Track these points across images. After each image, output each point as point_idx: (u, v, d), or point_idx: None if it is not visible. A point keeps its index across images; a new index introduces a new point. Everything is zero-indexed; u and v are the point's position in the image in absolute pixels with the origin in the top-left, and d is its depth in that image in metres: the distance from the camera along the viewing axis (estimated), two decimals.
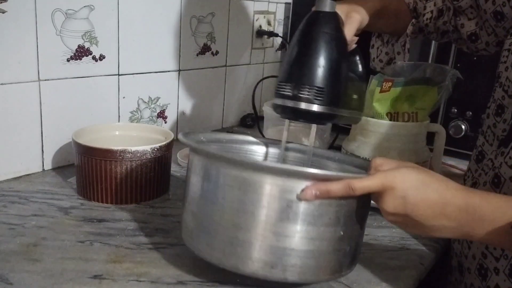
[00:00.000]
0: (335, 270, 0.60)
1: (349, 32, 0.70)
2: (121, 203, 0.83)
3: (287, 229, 0.56)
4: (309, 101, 0.64)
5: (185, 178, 0.66)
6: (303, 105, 0.64)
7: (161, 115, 1.17)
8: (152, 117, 1.15)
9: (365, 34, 0.84)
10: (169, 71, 1.16)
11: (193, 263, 0.65)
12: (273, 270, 0.56)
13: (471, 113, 1.16)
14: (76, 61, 0.95)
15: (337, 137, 1.12)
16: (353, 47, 0.73)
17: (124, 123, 1.07)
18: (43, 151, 0.94)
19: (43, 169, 0.95)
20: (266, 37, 1.45)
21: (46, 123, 0.93)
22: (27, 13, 0.86)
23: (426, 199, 0.54)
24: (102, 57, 1.00)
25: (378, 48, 0.89)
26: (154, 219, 0.79)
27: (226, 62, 1.32)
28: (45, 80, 0.91)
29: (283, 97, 0.66)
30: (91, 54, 0.98)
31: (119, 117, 1.07)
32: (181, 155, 1.04)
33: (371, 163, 0.59)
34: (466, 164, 0.99)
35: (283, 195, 0.55)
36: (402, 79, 0.86)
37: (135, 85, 1.08)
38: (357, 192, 0.55)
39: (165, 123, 1.19)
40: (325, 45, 0.65)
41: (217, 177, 0.58)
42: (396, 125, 0.86)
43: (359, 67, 0.75)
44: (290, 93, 0.65)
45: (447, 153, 1.09)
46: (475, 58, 1.11)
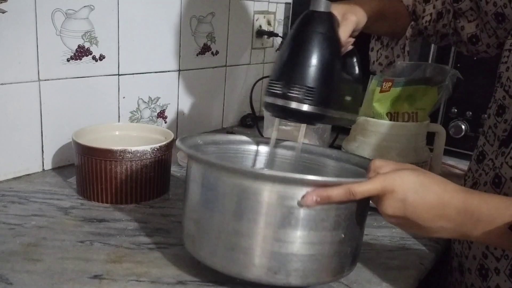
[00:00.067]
0: (337, 271, 0.60)
1: (344, 33, 0.69)
2: (121, 203, 0.83)
3: (289, 235, 0.56)
4: (299, 100, 0.63)
5: (184, 182, 0.65)
6: (292, 104, 0.64)
7: (161, 115, 1.17)
8: (152, 117, 1.15)
9: (364, 36, 0.83)
10: (169, 71, 1.16)
11: (193, 263, 0.65)
12: (276, 275, 0.57)
13: (471, 113, 1.16)
14: (76, 61, 0.95)
15: (337, 137, 1.12)
16: (349, 48, 0.72)
17: (124, 123, 1.07)
18: (43, 151, 0.94)
19: (43, 169, 0.95)
20: (266, 37, 1.45)
21: (46, 123, 0.93)
22: (27, 13, 0.86)
23: (425, 201, 0.54)
24: (102, 57, 1.00)
25: (378, 51, 0.89)
26: (154, 219, 0.79)
27: (226, 62, 1.32)
28: (45, 80, 0.91)
29: (274, 95, 0.65)
30: (91, 54, 0.98)
31: (119, 117, 1.07)
32: (181, 155, 1.04)
33: (370, 165, 0.59)
34: (466, 164, 0.99)
35: (284, 202, 0.55)
36: (402, 79, 0.86)
37: (135, 85, 1.08)
38: (357, 196, 0.55)
39: (165, 123, 1.19)
40: (318, 45, 0.64)
41: (217, 186, 0.58)
42: (396, 125, 0.86)
43: (356, 69, 0.74)
44: (280, 92, 0.64)
45: (447, 153, 1.09)
46: (475, 58, 1.11)
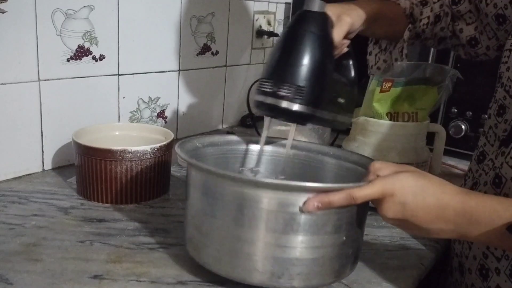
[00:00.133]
0: (340, 272, 0.61)
1: (338, 34, 0.68)
2: (121, 203, 0.83)
3: (291, 240, 0.56)
4: (288, 99, 0.63)
5: (185, 186, 0.65)
6: (282, 103, 0.63)
7: (161, 115, 1.17)
8: (152, 117, 1.15)
9: (361, 40, 0.83)
10: (169, 71, 1.16)
11: (193, 263, 0.65)
12: (280, 280, 0.57)
13: (471, 113, 1.16)
14: (76, 61, 0.95)
15: (337, 137, 1.12)
16: (345, 50, 0.71)
17: (124, 123, 1.07)
18: (43, 151, 0.94)
19: (43, 169, 0.95)
20: (266, 37, 1.45)
21: (46, 123, 0.93)
22: (27, 13, 0.86)
23: (424, 204, 0.55)
24: (102, 57, 1.00)
25: (376, 55, 0.88)
26: (154, 219, 0.79)
27: (226, 62, 1.32)
28: (45, 80, 0.91)
29: (263, 93, 0.65)
30: (91, 54, 0.98)
31: (119, 117, 1.07)
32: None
33: (370, 167, 0.60)
34: (466, 164, 0.99)
35: (285, 208, 0.56)
36: (402, 79, 0.86)
37: (135, 85, 1.08)
38: (358, 201, 0.56)
39: (165, 123, 1.19)
40: (309, 44, 0.64)
41: (219, 194, 0.58)
42: (396, 125, 0.86)
43: (352, 72, 0.74)
44: (270, 90, 0.64)
45: (447, 153, 1.09)
46: (474, 61, 1.11)
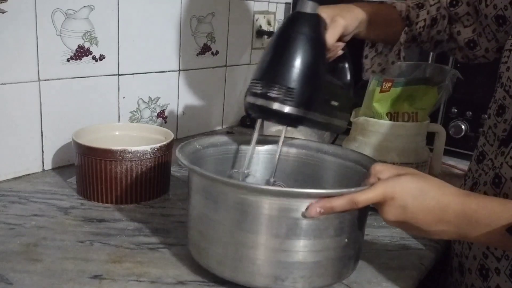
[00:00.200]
0: (342, 273, 0.62)
1: (332, 36, 0.68)
2: (121, 203, 0.83)
3: (295, 245, 0.57)
4: (278, 100, 0.62)
5: (187, 189, 0.65)
6: (272, 105, 0.63)
7: (161, 115, 1.17)
8: (152, 117, 1.15)
9: (358, 43, 0.83)
10: (169, 71, 1.16)
11: (193, 263, 0.65)
12: (284, 283, 0.58)
13: (471, 113, 1.16)
14: (76, 61, 0.95)
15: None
16: (340, 53, 0.71)
17: (124, 123, 1.07)
18: (43, 151, 0.94)
19: (43, 169, 0.95)
20: (266, 37, 1.45)
21: (46, 123, 0.93)
22: (27, 13, 0.86)
23: (424, 207, 0.55)
24: (102, 57, 1.00)
25: (372, 58, 0.87)
26: (154, 219, 0.79)
27: (226, 62, 1.32)
28: (45, 80, 0.91)
29: (254, 95, 0.64)
30: (91, 54, 0.98)
31: (119, 117, 1.07)
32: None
33: (371, 169, 0.60)
34: (466, 164, 0.99)
35: (288, 214, 0.56)
36: (402, 79, 0.86)
37: (135, 85, 1.08)
38: (360, 205, 0.56)
39: (165, 123, 1.19)
40: (301, 46, 0.63)
41: (221, 200, 0.58)
42: (396, 125, 0.86)
43: (347, 75, 0.73)
44: (260, 91, 0.63)
45: (447, 153, 1.09)
46: (471, 63, 1.11)
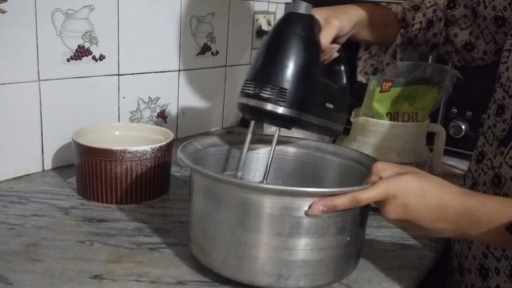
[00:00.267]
0: (345, 271, 0.62)
1: (326, 37, 0.67)
2: (121, 203, 0.83)
3: (298, 243, 0.57)
4: (271, 101, 0.62)
5: (188, 189, 0.65)
6: (264, 105, 0.62)
7: (161, 115, 1.17)
8: (152, 117, 1.15)
9: (354, 46, 0.83)
10: (169, 71, 1.16)
11: (193, 263, 0.65)
12: (287, 281, 0.58)
13: (471, 113, 1.16)
14: (76, 61, 0.95)
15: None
16: (335, 55, 0.70)
17: (124, 123, 1.07)
18: (43, 151, 0.94)
19: (43, 169, 0.95)
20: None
21: (46, 123, 0.93)
22: (27, 13, 0.86)
23: (426, 205, 0.56)
24: (102, 57, 1.00)
25: (365, 60, 0.87)
26: (154, 219, 0.79)
27: (226, 62, 1.32)
28: (45, 80, 0.91)
29: (246, 95, 0.64)
30: (91, 54, 0.98)
31: (119, 117, 1.07)
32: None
33: (373, 168, 0.60)
34: (466, 164, 0.99)
35: (291, 213, 0.56)
36: (402, 79, 0.86)
37: (135, 85, 1.08)
38: (362, 203, 0.56)
39: (165, 123, 1.19)
40: (294, 46, 0.62)
41: (224, 200, 0.58)
42: (396, 125, 0.86)
43: (343, 78, 0.72)
44: (252, 92, 0.63)
45: (447, 153, 1.09)
46: (468, 66, 1.11)
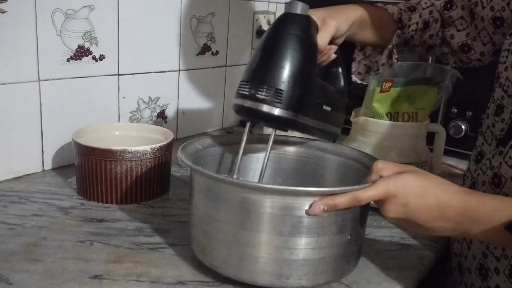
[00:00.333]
0: (345, 269, 0.62)
1: (323, 38, 0.67)
2: (121, 203, 0.83)
3: (299, 242, 0.57)
4: (266, 102, 0.61)
5: (189, 189, 0.65)
6: (260, 106, 0.61)
7: (161, 115, 1.17)
8: (152, 117, 1.15)
9: (351, 48, 0.82)
10: (169, 71, 1.16)
11: (193, 263, 0.65)
12: (288, 280, 0.58)
13: (471, 113, 1.16)
14: (76, 61, 0.95)
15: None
16: (333, 57, 0.70)
17: (124, 123, 1.07)
18: (43, 151, 0.94)
19: (43, 169, 0.95)
20: None
21: (46, 123, 0.93)
22: (27, 13, 0.86)
23: (425, 204, 0.56)
24: (102, 57, 1.00)
25: (359, 61, 0.87)
26: (154, 219, 0.79)
27: (226, 62, 1.32)
28: (45, 80, 0.91)
29: (242, 96, 0.63)
30: (91, 54, 0.98)
31: (119, 117, 1.07)
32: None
33: (373, 166, 0.60)
34: (466, 164, 0.99)
35: (292, 212, 0.56)
36: (402, 79, 0.86)
37: (135, 85, 1.08)
38: (362, 202, 0.57)
39: (165, 123, 1.19)
40: (291, 46, 0.61)
41: (226, 200, 0.58)
42: (396, 125, 0.86)
43: (341, 80, 0.71)
44: (248, 93, 0.62)
45: (447, 153, 1.09)
46: (465, 67, 1.11)
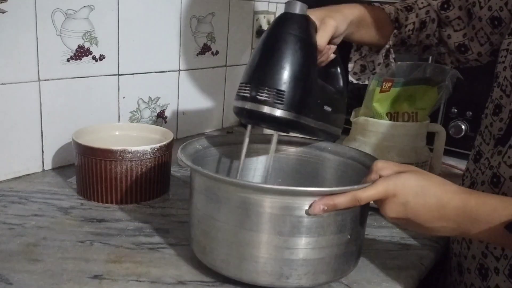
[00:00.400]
0: (345, 269, 0.62)
1: (322, 38, 0.67)
2: (121, 203, 0.83)
3: (299, 242, 0.57)
4: (267, 104, 0.60)
5: (189, 189, 0.65)
6: (261, 108, 0.60)
7: (161, 115, 1.17)
8: (152, 117, 1.15)
9: (348, 48, 0.82)
10: (169, 71, 1.16)
11: (193, 263, 0.65)
12: (288, 280, 0.58)
13: (471, 113, 1.16)
14: (76, 61, 0.95)
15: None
16: (332, 57, 0.70)
17: (124, 123, 1.07)
18: (43, 151, 0.94)
19: (43, 169, 0.95)
20: None
21: (46, 123, 0.93)
22: (27, 13, 0.86)
23: (425, 204, 0.56)
24: (102, 57, 1.00)
25: (355, 61, 0.87)
26: (154, 219, 0.79)
27: (226, 62, 1.32)
28: (45, 80, 0.91)
29: (242, 98, 0.62)
30: (91, 54, 0.98)
31: (119, 117, 1.07)
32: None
33: (373, 166, 0.60)
34: (466, 164, 0.99)
35: (292, 212, 0.56)
36: (402, 79, 0.86)
37: (135, 85, 1.08)
38: (362, 202, 0.57)
39: (165, 123, 1.19)
40: (290, 46, 0.61)
41: (226, 200, 0.58)
42: (396, 125, 0.86)
43: (340, 81, 0.71)
44: (248, 95, 0.61)
45: (447, 153, 1.09)
46: (462, 67, 1.11)
